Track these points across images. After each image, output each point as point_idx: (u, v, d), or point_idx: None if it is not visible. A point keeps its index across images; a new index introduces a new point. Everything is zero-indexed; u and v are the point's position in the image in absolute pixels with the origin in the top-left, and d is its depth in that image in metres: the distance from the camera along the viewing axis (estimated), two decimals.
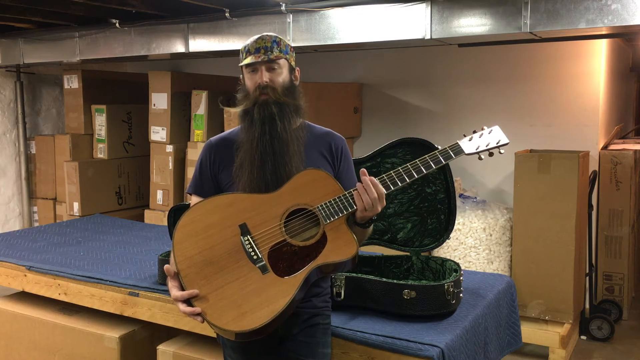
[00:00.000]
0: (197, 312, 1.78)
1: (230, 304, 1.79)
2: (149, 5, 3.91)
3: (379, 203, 1.89)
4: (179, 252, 1.86)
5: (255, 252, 1.85)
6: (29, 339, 3.17)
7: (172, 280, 1.85)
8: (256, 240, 1.87)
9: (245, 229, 1.88)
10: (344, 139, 2.13)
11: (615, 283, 4.39)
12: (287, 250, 1.87)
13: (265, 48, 1.95)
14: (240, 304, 1.78)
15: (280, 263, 1.85)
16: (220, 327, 1.77)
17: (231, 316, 1.77)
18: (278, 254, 1.86)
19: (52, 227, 4.14)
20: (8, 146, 5.64)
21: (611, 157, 4.33)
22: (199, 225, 1.89)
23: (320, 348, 2.02)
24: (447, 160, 2.01)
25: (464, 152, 2.03)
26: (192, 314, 1.78)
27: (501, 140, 2.08)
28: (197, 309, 1.78)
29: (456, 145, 2.04)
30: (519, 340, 2.75)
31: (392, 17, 3.36)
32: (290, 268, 1.84)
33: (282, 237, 1.88)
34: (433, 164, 1.99)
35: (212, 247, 1.86)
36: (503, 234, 4.11)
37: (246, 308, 1.78)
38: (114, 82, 5.62)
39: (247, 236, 1.87)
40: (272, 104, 1.94)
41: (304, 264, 1.84)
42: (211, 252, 1.86)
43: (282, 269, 1.84)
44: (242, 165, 1.96)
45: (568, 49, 4.34)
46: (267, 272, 1.83)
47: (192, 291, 1.80)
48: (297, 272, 1.83)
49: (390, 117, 5.06)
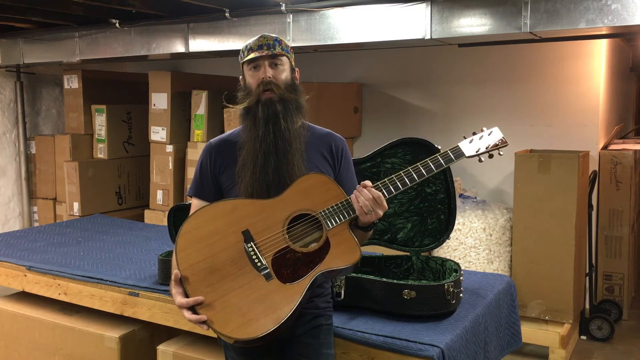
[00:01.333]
0: (203, 320, 1.76)
1: (235, 312, 1.78)
2: (149, 5, 3.91)
3: (378, 206, 1.89)
4: (182, 260, 1.84)
5: (259, 259, 1.84)
6: (29, 339, 3.17)
7: (177, 287, 1.83)
8: (260, 247, 1.86)
9: (248, 235, 1.87)
10: (344, 140, 2.12)
11: (615, 283, 4.39)
12: (290, 256, 1.86)
13: (268, 45, 1.96)
14: (245, 311, 1.77)
15: (284, 270, 1.84)
16: (225, 335, 1.76)
17: (236, 324, 1.76)
18: (282, 260, 1.85)
19: (52, 227, 4.14)
20: (8, 146, 5.64)
21: (611, 157, 4.33)
22: (202, 232, 1.88)
23: (325, 349, 2.02)
24: (448, 164, 2.01)
25: (464, 155, 2.04)
26: (198, 321, 1.77)
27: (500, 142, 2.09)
28: (203, 317, 1.76)
29: (457, 148, 2.04)
30: (519, 340, 2.75)
31: (392, 17, 3.36)
32: (295, 274, 1.83)
33: (286, 244, 1.86)
34: (434, 167, 1.99)
35: (215, 254, 1.85)
36: (503, 234, 4.11)
37: (251, 316, 1.77)
38: (114, 82, 5.62)
39: (251, 243, 1.86)
40: (276, 102, 1.93)
41: (308, 270, 1.83)
42: (215, 259, 1.84)
43: (286, 275, 1.83)
44: (245, 165, 1.95)
45: (568, 49, 4.34)
46: (271, 279, 1.82)
47: (197, 298, 1.78)
48: (301, 279, 1.82)
49: (390, 117, 5.06)
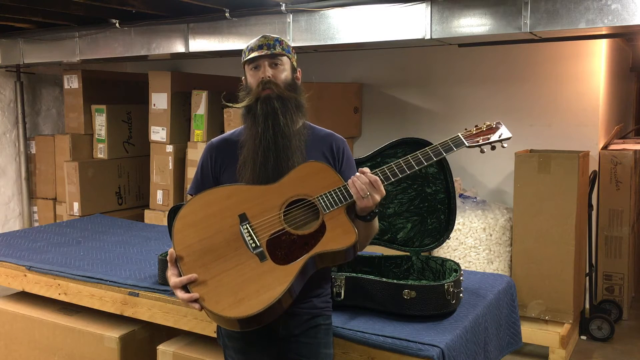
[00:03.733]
0: (195, 298, 1.77)
1: (228, 291, 1.78)
2: (149, 5, 3.91)
3: (375, 190, 1.87)
4: (178, 241, 1.87)
5: (253, 240, 1.86)
6: (29, 339, 3.17)
7: (172, 269, 1.85)
8: (255, 229, 1.87)
9: (244, 218, 1.89)
10: (345, 141, 2.13)
11: (615, 283, 4.39)
12: (285, 239, 1.87)
13: (268, 45, 1.98)
14: (237, 290, 1.78)
15: (279, 251, 1.85)
16: (217, 313, 1.76)
17: (228, 302, 1.76)
18: (277, 242, 1.86)
19: (52, 227, 4.14)
20: (8, 146, 5.64)
21: (611, 157, 4.33)
22: (199, 215, 1.90)
23: (322, 349, 2.02)
24: (447, 152, 1.99)
25: (465, 144, 2.01)
26: (190, 300, 1.77)
27: (503, 134, 2.06)
28: (195, 295, 1.77)
29: (457, 137, 2.02)
30: (519, 340, 2.75)
31: (392, 17, 3.36)
32: (289, 256, 1.84)
33: (281, 226, 1.88)
34: (434, 155, 1.98)
35: (211, 235, 1.87)
36: (503, 234, 4.11)
37: (243, 295, 1.77)
38: (114, 82, 5.62)
39: (246, 224, 1.88)
40: (274, 99, 1.95)
41: (303, 252, 1.84)
42: (210, 240, 1.86)
43: (280, 257, 1.84)
44: (245, 163, 1.97)
45: (568, 49, 4.34)
46: (265, 259, 1.83)
47: (191, 276, 1.79)
48: (295, 261, 1.83)
49: (390, 117, 5.06)
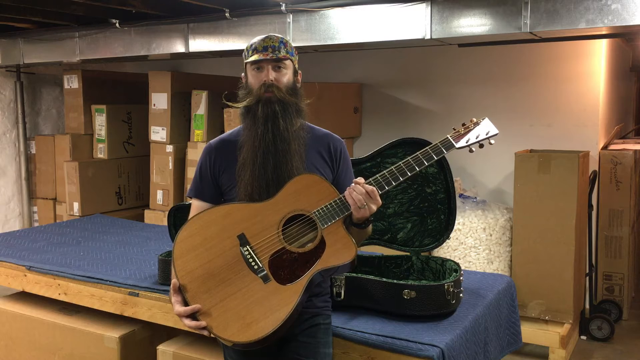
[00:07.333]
0: (203, 327, 1.78)
1: (235, 316, 1.79)
2: (149, 5, 3.91)
3: (371, 201, 1.89)
4: (179, 267, 1.86)
5: (255, 261, 1.85)
6: (29, 339, 3.17)
7: (175, 295, 1.85)
8: (255, 250, 1.87)
9: (244, 239, 1.88)
10: (343, 141, 2.14)
11: (615, 283, 4.39)
12: (287, 257, 1.87)
13: (273, 47, 1.96)
14: (244, 315, 1.78)
15: (281, 271, 1.85)
16: (226, 339, 1.77)
17: (236, 327, 1.77)
18: (278, 262, 1.86)
19: (52, 227, 4.14)
20: (8, 146, 5.64)
21: (611, 157, 4.32)
22: (198, 238, 1.89)
23: (322, 348, 2.02)
24: (438, 156, 2.01)
25: (454, 146, 2.04)
26: (198, 328, 1.79)
27: (490, 131, 2.11)
28: (203, 323, 1.78)
29: (446, 140, 2.04)
30: (519, 340, 2.75)
31: (392, 17, 3.36)
32: (292, 275, 1.84)
33: (281, 245, 1.87)
34: (425, 160, 2.00)
35: (212, 259, 1.86)
36: (503, 234, 4.11)
37: (250, 319, 1.78)
38: (114, 82, 5.62)
39: (247, 246, 1.87)
40: (275, 102, 1.94)
41: (305, 270, 1.84)
42: (212, 264, 1.86)
43: (283, 276, 1.84)
44: (245, 164, 1.96)
45: (568, 49, 4.34)
46: (268, 281, 1.83)
47: (195, 306, 1.80)
48: (299, 279, 1.83)
49: (390, 117, 5.06)
